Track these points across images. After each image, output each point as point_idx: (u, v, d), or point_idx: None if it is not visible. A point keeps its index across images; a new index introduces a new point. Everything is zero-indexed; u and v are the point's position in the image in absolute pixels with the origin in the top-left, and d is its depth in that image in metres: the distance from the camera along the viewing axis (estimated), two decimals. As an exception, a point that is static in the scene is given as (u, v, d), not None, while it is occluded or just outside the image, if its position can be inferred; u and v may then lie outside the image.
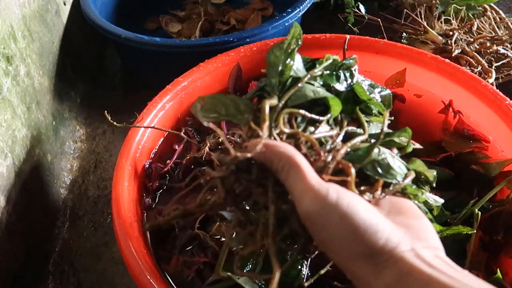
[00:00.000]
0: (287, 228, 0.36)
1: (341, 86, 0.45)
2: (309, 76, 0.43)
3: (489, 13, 0.91)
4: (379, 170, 0.39)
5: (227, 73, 0.68)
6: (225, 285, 0.48)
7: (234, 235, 0.42)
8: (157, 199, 0.60)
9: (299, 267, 0.48)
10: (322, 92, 0.42)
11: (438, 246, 0.33)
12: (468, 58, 0.81)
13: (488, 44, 0.83)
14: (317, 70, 0.44)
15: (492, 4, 0.91)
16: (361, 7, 0.96)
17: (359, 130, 0.44)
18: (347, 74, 0.45)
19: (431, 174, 0.42)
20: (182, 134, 0.63)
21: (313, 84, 0.43)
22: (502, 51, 0.83)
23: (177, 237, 0.55)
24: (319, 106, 0.43)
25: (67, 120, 0.82)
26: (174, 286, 0.51)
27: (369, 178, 0.39)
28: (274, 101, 0.40)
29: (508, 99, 0.58)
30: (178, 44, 0.82)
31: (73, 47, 0.88)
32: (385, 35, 0.89)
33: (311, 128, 0.41)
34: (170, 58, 0.81)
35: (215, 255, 0.52)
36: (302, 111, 0.40)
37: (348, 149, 0.39)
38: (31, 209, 0.64)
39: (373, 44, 0.68)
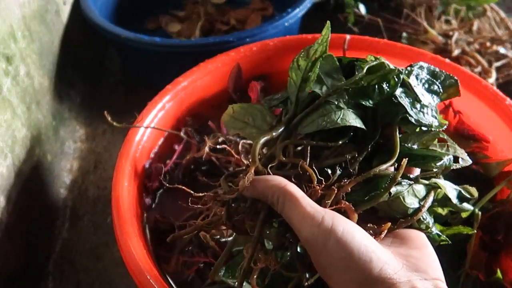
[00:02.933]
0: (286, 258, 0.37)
1: (369, 102, 0.39)
2: (330, 94, 0.38)
3: (489, 13, 0.91)
4: (389, 209, 0.38)
5: (227, 73, 0.68)
6: (225, 286, 0.48)
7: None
8: (157, 199, 0.60)
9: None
10: (338, 119, 0.37)
11: (438, 277, 0.33)
12: (468, 58, 0.81)
13: (488, 44, 0.83)
14: (338, 89, 0.38)
15: (492, 4, 0.91)
16: (361, 7, 0.96)
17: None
18: (385, 85, 0.39)
19: (452, 194, 0.41)
20: (182, 134, 0.63)
21: (334, 103, 0.38)
22: (502, 51, 0.83)
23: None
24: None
25: (67, 120, 0.82)
26: (174, 286, 0.51)
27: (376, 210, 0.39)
28: (268, 136, 0.38)
29: (508, 99, 0.58)
30: (178, 44, 0.82)
31: (73, 47, 0.88)
32: (385, 35, 0.89)
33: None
34: (170, 58, 0.81)
35: (215, 255, 0.52)
36: (305, 141, 0.38)
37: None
38: (31, 209, 0.64)
39: (373, 44, 0.68)
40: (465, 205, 0.42)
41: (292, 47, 0.69)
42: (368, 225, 0.36)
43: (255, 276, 0.36)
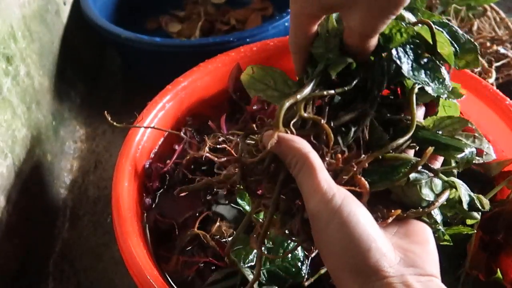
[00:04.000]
0: (290, 223, 0.37)
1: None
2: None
3: (489, 13, 0.91)
4: (403, 195, 0.38)
5: (227, 73, 0.68)
6: (225, 285, 0.48)
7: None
8: (157, 199, 0.60)
9: (299, 265, 0.48)
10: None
11: (434, 274, 0.33)
12: (468, 58, 0.81)
13: (488, 44, 0.83)
14: None
15: (492, 4, 0.91)
16: (361, 7, 0.96)
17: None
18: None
19: (465, 199, 0.40)
20: (182, 134, 0.63)
21: None
22: (502, 51, 0.83)
23: (177, 237, 0.55)
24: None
25: (67, 120, 0.82)
26: (174, 286, 0.51)
27: (390, 192, 0.38)
28: (293, 100, 0.37)
29: (508, 99, 0.58)
30: (178, 44, 0.82)
31: (73, 47, 0.88)
32: (385, 35, 0.89)
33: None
34: (170, 58, 0.81)
35: (215, 255, 0.52)
36: (326, 92, 0.37)
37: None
38: (31, 209, 0.64)
39: (373, 44, 0.68)
40: (474, 213, 0.41)
41: (292, 47, 0.69)
42: (379, 206, 0.36)
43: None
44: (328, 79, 0.38)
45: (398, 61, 0.38)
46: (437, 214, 0.39)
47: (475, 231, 0.48)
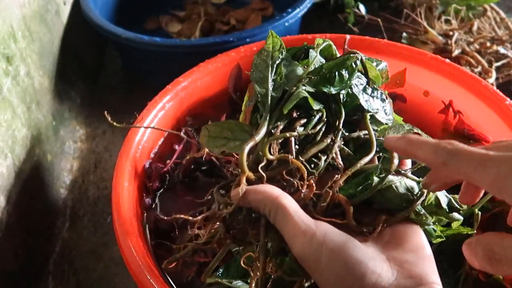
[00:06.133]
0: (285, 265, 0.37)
1: (332, 89, 0.42)
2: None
3: (489, 13, 0.91)
4: (383, 200, 0.38)
5: (227, 73, 0.68)
6: (224, 286, 0.48)
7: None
8: (157, 199, 0.60)
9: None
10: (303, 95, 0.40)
11: (434, 281, 0.33)
12: (468, 58, 0.81)
13: (488, 44, 0.84)
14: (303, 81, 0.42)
15: (492, 4, 0.91)
16: (361, 7, 0.96)
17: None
18: (344, 72, 0.42)
19: (443, 199, 0.40)
20: (182, 134, 0.63)
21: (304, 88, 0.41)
22: (502, 51, 0.83)
23: (177, 237, 0.55)
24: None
25: (67, 120, 0.82)
26: (174, 286, 0.51)
27: (372, 203, 0.39)
28: (252, 142, 0.38)
29: (508, 99, 0.58)
30: (178, 44, 0.82)
31: (73, 47, 0.88)
32: (385, 35, 0.89)
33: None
34: (170, 58, 0.81)
35: (215, 255, 0.52)
36: (288, 134, 0.39)
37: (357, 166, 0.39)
38: (31, 209, 0.64)
39: (373, 44, 0.68)
40: (455, 214, 0.42)
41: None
42: (365, 219, 0.36)
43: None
44: (285, 114, 0.40)
45: (357, 94, 0.42)
46: (422, 210, 0.39)
47: (475, 231, 0.48)
